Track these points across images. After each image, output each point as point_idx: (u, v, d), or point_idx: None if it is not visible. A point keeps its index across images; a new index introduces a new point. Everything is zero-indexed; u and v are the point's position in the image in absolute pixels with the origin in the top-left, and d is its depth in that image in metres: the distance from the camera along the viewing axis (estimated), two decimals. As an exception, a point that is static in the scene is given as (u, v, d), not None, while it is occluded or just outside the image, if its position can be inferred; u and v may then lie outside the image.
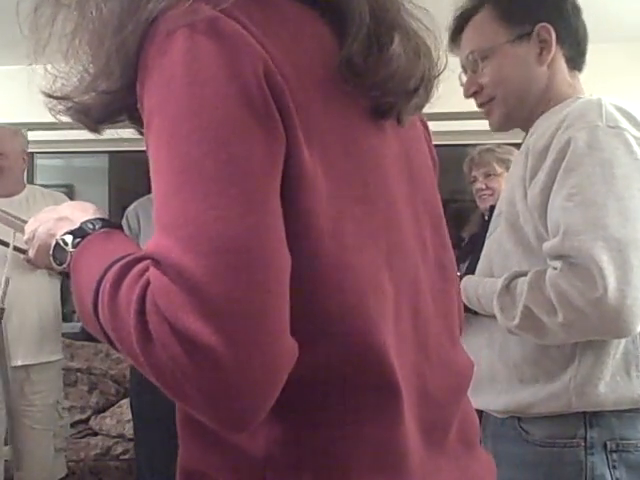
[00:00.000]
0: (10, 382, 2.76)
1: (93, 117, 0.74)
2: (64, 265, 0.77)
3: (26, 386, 2.97)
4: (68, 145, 4.58)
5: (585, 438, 1.25)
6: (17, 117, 3.80)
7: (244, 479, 0.70)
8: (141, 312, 0.58)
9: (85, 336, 4.41)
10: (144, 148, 0.66)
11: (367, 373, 0.70)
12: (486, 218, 2.95)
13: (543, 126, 1.33)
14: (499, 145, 3.13)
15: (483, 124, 1.54)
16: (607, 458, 1.24)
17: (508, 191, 1.37)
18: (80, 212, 0.80)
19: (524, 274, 1.26)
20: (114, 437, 3.74)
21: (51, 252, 0.80)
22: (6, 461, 3.09)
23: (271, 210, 0.62)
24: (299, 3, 0.74)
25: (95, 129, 0.77)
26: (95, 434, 3.83)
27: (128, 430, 3.65)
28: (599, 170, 1.19)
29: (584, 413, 1.26)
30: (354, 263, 0.69)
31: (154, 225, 0.63)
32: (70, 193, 5.19)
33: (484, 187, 3.03)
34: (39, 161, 4.78)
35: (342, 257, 0.68)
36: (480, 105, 1.47)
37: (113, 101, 0.71)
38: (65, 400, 3.59)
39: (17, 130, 3.20)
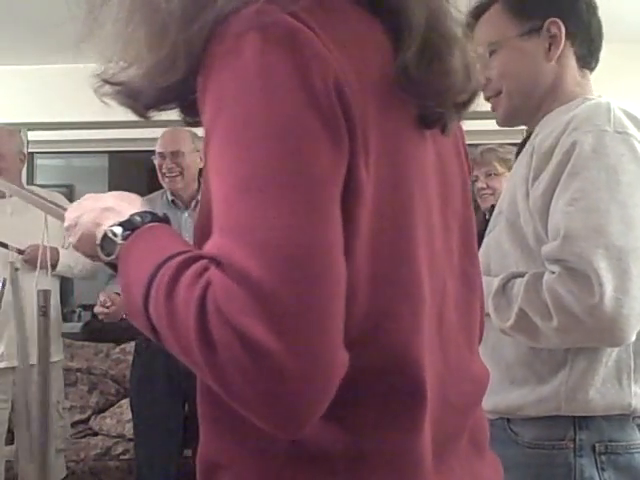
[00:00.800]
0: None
1: (143, 102, 0.74)
2: (112, 256, 0.77)
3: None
4: (68, 145, 4.58)
5: (574, 440, 1.24)
6: (17, 117, 3.80)
7: (263, 474, 0.71)
8: (202, 313, 0.58)
9: (85, 336, 4.41)
10: (144, 148, 0.65)
11: (398, 378, 0.70)
12: (487, 217, 2.95)
13: (549, 126, 1.31)
14: (501, 145, 3.13)
15: (485, 124, 1.54)
16: (596, 460, 1.24)
17: (510, 190, 1.36)
18: (127, 204, 0.80)
19: (521, 275, 1.25)
20: (114, 437, 3.74)
21: (99, 242, 0.79)
22: (7, 461, 3.09)
23: (334, 219, 0.62)
24: (361, 9, 0.74)
25: (143, 114, 0.77)
26: (95, 434, 3.83)
27: (128, 430, 3.65)
28: (604, 176, 1.18)
29: (573, 416, 1.25)
30: (395, 274, 0.70)
31: (213, 227, 0.62)
32: (70, 193, 5.19)
33: (485, 186, 3.04)
34: (39, 161, 4.77)
35: (381, 265, 0.69)
36: (487, 98, 1.45)
37: (168, 91, 0.71)
38: (65, 400, 3.59)
39: (14, 130, 3.20)
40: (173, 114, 0.82)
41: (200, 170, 3.05)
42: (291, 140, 0.61)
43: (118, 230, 0.76)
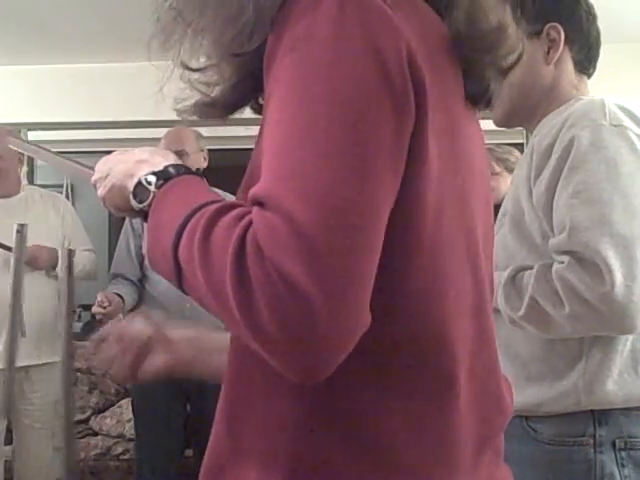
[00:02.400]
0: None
1: (220, 105, 0.78)
2: (145, 204, 0.77)
3: (25, 385, 2.98)
4: (68, 145, 4.58)
5: (594, 436, 1.25)
6: (17, 117, 3.80)
7: (301, 465, 0.70)
8: (240, 249, 0.60)
9: (85, 336, 4.41)
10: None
11: (431, 359, 0.71)
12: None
13: (547, 126, 1.34)
14: (498, 145, 3.13)
15: (482, 124, 1.53)
16: (616, 456, 1.25)
17: (513, 190, 1.38)
18: (161, 157, 0.81)
19: (529, 268, 1.27)
20: (114, 437, 3.74)
21: (131, 190, 0.79)
22: (6, 461, 3.09)
23: (386, 183, 0.64)
24: None
25: (224, 117, 0.80)
26: (95, 434, 3.83)
27: (128, 430, 3.65)
28: (604, 168, 1.21)
29: (592, 411, 1.26)
30: (444, 260, 0.72)
31: (262, 172, 0.64)
32: (68, 192, 5.19)
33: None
34: (39, 161, 4.77)
35: (435, 251, 0.71)
36: None
37: (241, 68, 0.73)
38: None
39: (12, 130, 3.19)
40: (174, 114, 0.82)
41: (204, 170, 3.05)
42: (352, 99, 0.63)
43: (152, 178, 0.77)
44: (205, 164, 3.05)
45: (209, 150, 3.08)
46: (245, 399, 0.75)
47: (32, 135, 3.53)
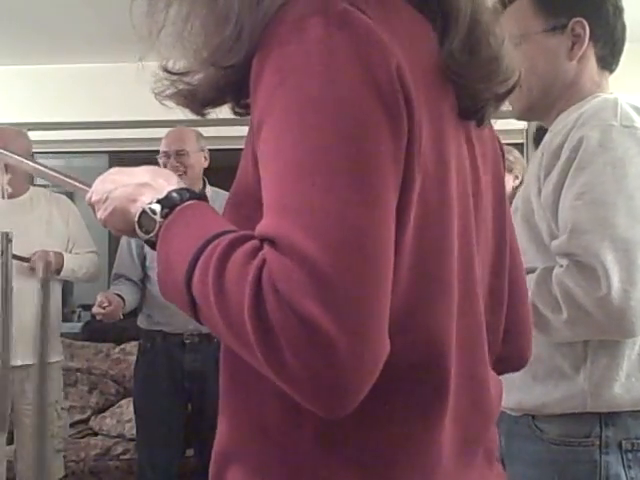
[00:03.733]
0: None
1: (200, 99, 0.76)
2: (151, 235, 0.76)
3: (27, 385, 2.98)
4: (68, 145, 4.59)
5: (600, 437, 1.24)
6: (17, 117, 3.80)
7: (286, 465, 0.71)
8: (257, 292, 0.59)
9: (85, 336, 4.41)
10: (144, 148, 0.66)
11: (424, 374, 0.71)
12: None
13: (560, 124, 1.33)
14: (497, 145, 3.13)
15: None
16: (622, 457, 1.24)
17: (524, 188, 1.38)
18: (163, 180, 0.79)
19: (533, 270, 1.26)
20: (114, 437, 3.74)
21: (137, 219, 0.78)
22: (9, 461, 3.09)
23: (390, 207, 0.63)
24: (410, 6, 0.76)
25: (200, 112, 0.78)
26: (95, 434, 3.83)
27: (128, 430, 3.65)
28: (610, 169, 1.19)
29: (599, 413, 1.25)
30: (431, 270, 0.71)
31: (265, 207, 0.63)
32: (72, 194, 5.19)
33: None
34: (39, 161, 4.77)
35: (420, 260, 0.70)
36: None
37: (224, 77, 0.72)
38: (65, 400, 3.59)
39: (21, 131, 3.19)
40: (174, 114, 0.82)
41: (204, 170, 3.05)
42: (351, 126, 0.62)
43: (157, 207, 0.75)
44: (206, 164, 3.04)
45: (209, 150, 3.08)
46: (241, 408, 0.75)
47: (32, 135, 3.52)
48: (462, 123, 0.79)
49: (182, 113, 0.79)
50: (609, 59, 1.41)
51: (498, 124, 1.50)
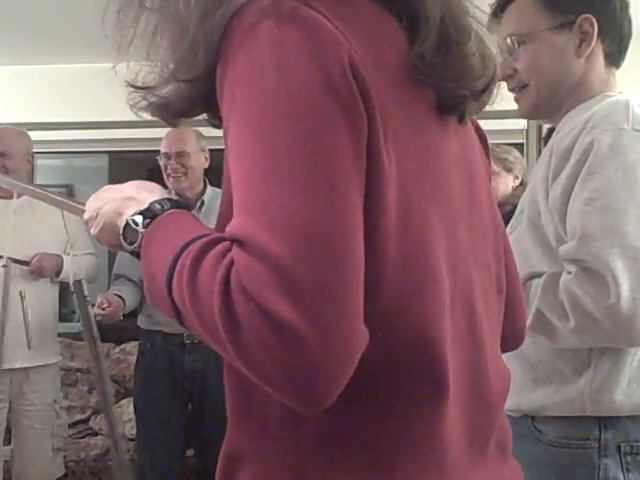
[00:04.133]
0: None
1: (172, 111, 0.77)
2: (135, 245, 0.78)
3: (25, 386, 2.98)
4: (68, 145, 4.58)
5: (599, 440, 1.24)
6: (17, 117, 3.80)
7: (288, 464, 0.71)
8: (226, 291, 0.60)
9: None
10: (144, 148, 0.66)
11: (420, 367, 0.71)
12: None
13: (569, 125, 1.31)
14: (497, 145, 3.13)
15: (482, 124, 1.52)
16: (621, 460, 1.23)
17: (531, 189, 1.35)
18: (146, 192, 0.82)
19: (539, 275, 1.25)
20: (114, 437, 3.74)
21: (121, 232, 0.81)
22: (5, 461, 3.09)
23: (353, 200, 0.64)
24: (376, 4, 0.76)
25: (174, 123, 0.80)
26: (95, 434, 3.83)
27: (128, 430, 3.64)
28: (621, 175, 1.17)
29: (599, 416, 1.24)
30: (417, 260, 0.71)
31: (234, 207, 0.64)
32: (70, 193, 5.19)
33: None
34: (39, 161, 4.77)
35: (407, 252, 0.70)
36: (511, 89, 1.43)
37: (192, 90, 0.73)
38: (65, 400, 3.60)
39: (22, 131, 3.19)
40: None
41: (205, 170, 3.05)
42: (307, 121, 0.63)
43: (139, 219, 0.78)
44: (207, 164, 3.04)
45: (210, 150, 3.08)
46: (244, 406, 0.76)
47: (32, 135, 3.52)
48: (444, 118, 0.79)
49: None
50: (616, 55, 1.39)
51: (498, 124, 1.50)
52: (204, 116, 0.80)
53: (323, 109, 0.63)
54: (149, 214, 0.78)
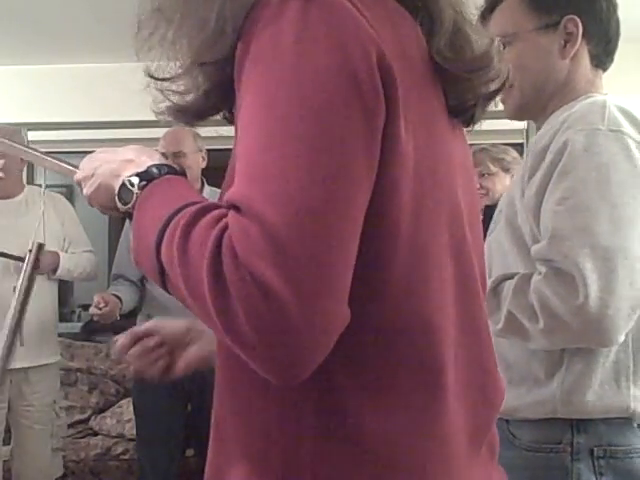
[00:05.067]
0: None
1: (191, 112, 0.78)
2: (129, 205, 0.78)
3: (24, 386, 2.98)
4: (68, 145, 4.58)
5: (572, 444, 1.23)
6: (17, 117, 3.80)
7: (293, 467, 0.71)
8: (216, 252, 0.61)
9: (85, 336, 4.41)
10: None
11: (422, 358, 0.72)
12: (481, 217, 2.95)
13: (548, 124, 1.31)
14: (494, 145, 3.13)
15: (482, 124, 1.52)
16: (594, 464, 1.22)
17: (510, 189, 1.36)
18: (146, 157, 0.82)
19: (512, 277, 1.24)
20: (114, 437, 3.74)
21: (116, 192, 0.81)
22: (5, 461, 3.09)
23: (358, 182, 0.64)
24: (396, 3, 0.77)
25: (192, 123, 0.81)
26: (95, 434, 3.83)
27: (128, 430, 3.65)
28: (594, 175, 1.16)
29: (571, 419, 1.24)
30: (426, 248, 0.72)
31: (236, 175, 0.65)
32: (70, 193, 5.19)
33: (478, 186, 3.03)
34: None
35: (416, 239, 0.71)
36: None
37: (212, 76, 0.73)
38: (65, 400, 3.59)
39: (15, 130, 3.19)
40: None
41: (202, 170, 3.05)
42: (318, 99, 0.63)
43: (135, 180, 0.78)
44: (204, 164, 3.05)
45: (208, 150, 3.08)
46: (234, 403, 0.76)
47: (32, 135, 3.52)
48: (452, 121, 0.80)
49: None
50: (603, 57, 1.38)
51: (498, 124, 1.50)
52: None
53: (336, 90, 0.64)
54: (146, 177, 0.78)
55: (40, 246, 1.67)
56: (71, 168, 0.97)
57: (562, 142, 1.20)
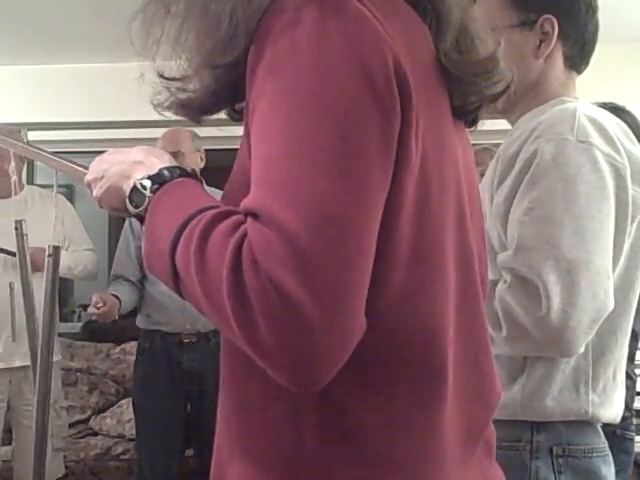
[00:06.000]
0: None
1: (196, 107, 0.78)
2: (140, 209, 0.78)
3: (25, 385, 2.98)
4: (68, 145, 4.58)
5: (531, 442, 1.23)
6: (17, 117, 3.80)
7: (287, 459, 0.71)
8: (236, 260, 0.61)
9: (85, 336, 4.41)
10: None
11: (422, 359, 0.72)
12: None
13: (520, 129, 1.29)
14: (496, 145, 3.13)
15: (481, 123, 1.52)
16: (553, 463, 1.23)
17: (479, 193, 1.35)
18: (156, 158, 0.81)
19: None
20: (114, 437, 3.74)
21: (127, 194, 0.80)
22: (5, 461, 3.10)
23: (375, 190, 0.64)
24: (405, 3, 0.77)
25: (198, 120, 0.80)
26: (95, 434, 3.83)
27: (128, 430, 3.65)
28: (561, 186, 1.16)
29: (532, 420, 1.24)
30: (430, 252, 0.72)
31: (252, 183, 0.64)
32: (70, 193, 5.19)
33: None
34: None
35: (419, 243, 0.71)
36: None
37: (222, 77, 0.73)
38: (65, 400, 3.59)
39: (13, 129, 3.18)
40: (173, 114, 0.82)
41: (200, 170, 3.05)
42: (338, 108, 0.63)
43: (147, 183, 0.78)
44: (202, 164, 3.05)
45: (207, 150, 3.08)
46: (236, 401, 0.76)
47: (32, 135, 3.52)
48: (456, 122, 0.81)
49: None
50: (577, 59, 1.37)
51: (498, 124, 1.50)
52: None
53: (356, 99, 0.64)
54: (158, 179, 0.77)
55: (56, 249, 1.67)
56: (81, 169, 0.97)
57: (532, 151, 1.20)
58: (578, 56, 1.37)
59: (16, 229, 1.78)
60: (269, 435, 0.72)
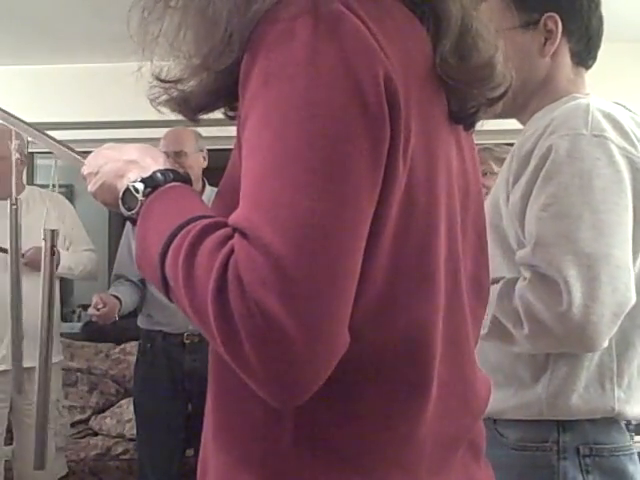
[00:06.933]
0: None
1: (193, 105, 0.77)
2: (133, 212, 0.78)
3: (27, 385, 2.97)
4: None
5: (557, 442, 1.23)
6: (17, 117, 3.80)
7: (271, 466, 0.72)
8: (222, 279, 0.61)
9: (85, 336, 4.41)
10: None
11: (407, 368, 0.72)
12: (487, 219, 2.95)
13: (532, 128, 1.30)
14: (497, 144, 3.13)
15: (481, 124, 1.52)
16: (580, 463, 1.23)
17: (493, 192, 1.35)
18: (150, 159, 0.82)
19: (497, 281, 1.24)
20: (114, 437, 3.74)
21: (120, 196, 0.81)
22: (6, 461, 3.09)
23: (362, 210, 0.64)
24: (402, 5, 0.76)
25: (194, 118, 0.80)
26: (95, 434, 3.83)
27: (128, 430, 3.65)
28: (577, 181, 1.16)
29: (557, 420, 1.24)
30: (416, 265, 0.72)
31: (241, 197, 0.65)
32: (70, 193, 5.19)
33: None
34: (39, 161, 4.77)
35: (401, 257, 0.71)
36: None
37: (220, 80, 0.73)
38: (65, 400, 3.59)
39: (6, 129, 3.18)
40: (174, 114, 0.82)
41: (203, 170, 3.05)
42: (328, 126, 0.63)
43: (140, 186, 0.78)
44: (205, 164, 3.05)
45: (209, 150, 3.08)
46: (222, 402, 0.77)
47: (32, 135, 3.53)
48: (453, 127, 0.80)
49: (182, 112, 0.80)
50: (584, 55, 1.37)
51: (498, 124, 1.50)
52: (207, 115, 0.81)
53: (346, 117, 0.64)
54: (151, 183, 0.78)
55: (53, 232, 1.63)
56: (80, 159, 0.98)
57: (546, 147, 1.20)
58: (585, 51, 1.37)
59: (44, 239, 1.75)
60: (251, 436, 0.73)
